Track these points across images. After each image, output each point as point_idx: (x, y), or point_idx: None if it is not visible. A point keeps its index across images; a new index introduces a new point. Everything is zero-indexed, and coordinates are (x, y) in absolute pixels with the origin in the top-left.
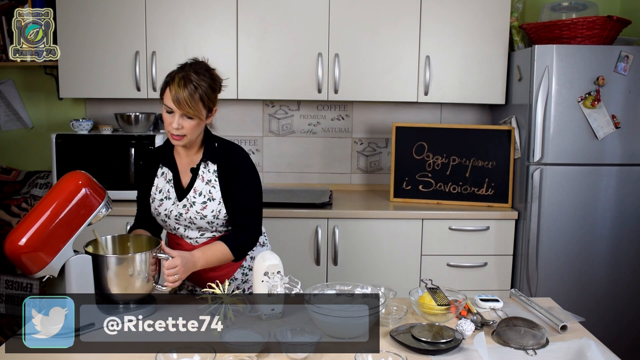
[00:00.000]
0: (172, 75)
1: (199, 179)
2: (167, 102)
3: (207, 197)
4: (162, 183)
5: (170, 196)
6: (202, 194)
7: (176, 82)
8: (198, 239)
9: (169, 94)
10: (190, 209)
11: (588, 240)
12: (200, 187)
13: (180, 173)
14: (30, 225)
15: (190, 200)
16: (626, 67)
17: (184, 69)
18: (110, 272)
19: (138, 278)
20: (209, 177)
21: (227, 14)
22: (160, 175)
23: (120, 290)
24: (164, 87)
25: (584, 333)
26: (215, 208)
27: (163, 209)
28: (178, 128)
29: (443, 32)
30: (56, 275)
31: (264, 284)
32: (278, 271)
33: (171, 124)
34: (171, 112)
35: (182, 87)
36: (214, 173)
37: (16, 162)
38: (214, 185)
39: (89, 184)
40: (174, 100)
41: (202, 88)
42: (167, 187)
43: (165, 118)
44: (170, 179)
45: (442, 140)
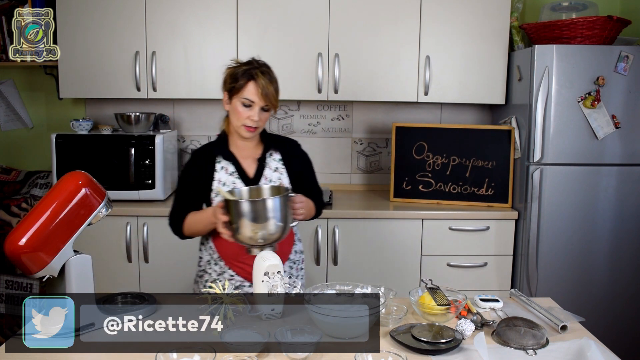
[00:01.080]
0: (248, 71)
1: (267, 168)
2: (250, 96)
3: (277, 183)
4: (225, 176)
5: (237, 187)
6: (272, 181)
7: (261, 77)
8: None
9: (254, 88)
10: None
11: (588, 240)
12: (270, 175)
13: (243, 165)
14: (30, 225)
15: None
16: (626, 67)
17: (253, 65)
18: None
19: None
20: (276, 165)
21: (227, 14)
22: (220, 169)
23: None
24: (242, 85)
25: (584, 333)
26: None
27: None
28: (258, 120)
29: (443, 32)
30: (56, 275)
31: (264, 284)
32: (278, 271)
33: (250, 117)
34: (249, 105)
35: (267, 81)
36: (280, 162)
37: (16, 162)
38: (281, 172)
39: (89, 184)
40: (262, 93)
41: (275, 81)
42: (232, 179)
43: (241, 112)
44: (234, 171)
45: (442, 140)
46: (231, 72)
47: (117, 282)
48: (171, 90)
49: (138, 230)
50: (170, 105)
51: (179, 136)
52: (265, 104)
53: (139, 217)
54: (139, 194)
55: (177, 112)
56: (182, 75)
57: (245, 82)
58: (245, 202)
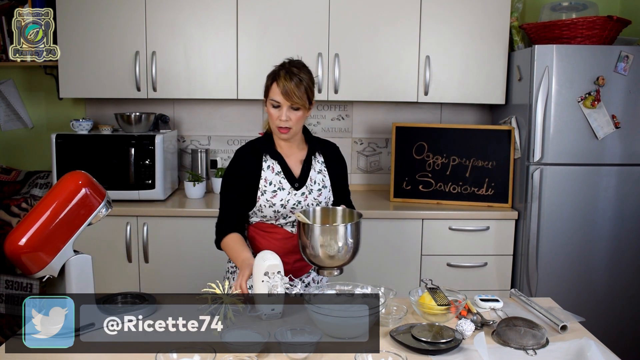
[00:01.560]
0: (275, 72)
1: (312, 169)
2: (275, 97)
3: (322, 185)
4: (271, 175)
5: (283, 187)
6: (317, 182)
7: (282, 76)
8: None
9: (277, 89)
10: (308, 196)
11: (588, 240)
12: (314, 177)
13: (290, 165)
14: (30, 225)
15: (309, 188)
16: (626, 67)
17: (284, 67)
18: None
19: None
20: (320, 168)
21: (227, 14)
22: (267, 169)
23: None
24: (269, 85)
25: (584, 333)
26: (327, 195)
27: (278, 199)
28: (286, 120)
29: (443, 32)
30: (56, 275)
31: (264, 283)
32: (278, 271)
33: (279, 117)
34: (278, 106)
35: (288, 80)
36: (323, 164)
37: (16, 162)
38: (324, 174)
39: (89, 184)
40: (282, 92)
41: (305, 80)
42: (278, 179)
43: (272, 113)
44: (280, 171)
45: (442, 140)
46: (267, 74)
47: (117, 282)
48: (171, 90)
49: (138, 230)
50: (170, 105)
51: (179, 136)
52: (291, 104)
53: (139, 217)
54: (139, 194)
55: (177, 112)
56: (182, 75)
57: (270, 84)
58: (317, 227)
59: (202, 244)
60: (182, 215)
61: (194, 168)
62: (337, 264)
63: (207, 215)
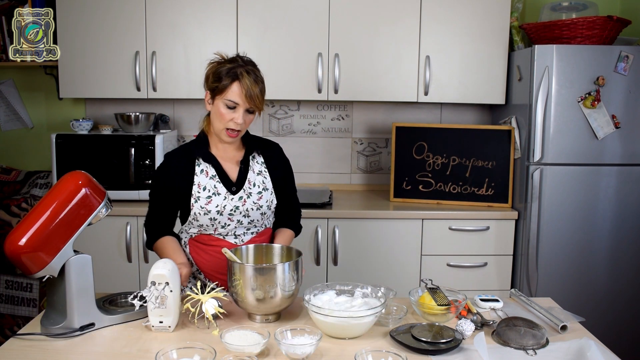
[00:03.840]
0: (232, 70)
1: (250, 171)
2: (233, 97)
3: (262, 187)
4: (205, 180)
5: (219, 192)
6: (256, 185)
7: (246, 78)
8: (244, 236)
9: (237, 89)
10: (247, 200)
11: (588, 240)
12: (253, 179)
13: (225, 167)
14: (30, 225)
15: (247, 191)
16: (626, 67)
17: (240, 65)
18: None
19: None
20: (259, 169)
21: (227, 14)
22: (200, 173)
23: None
24: (227, 84)
25: (584, 333)
26: (268, 198)
27: (214, 205)
28: (242, 123)
29: (443, 32)
30: (56, 275)
31: (150, 292)
32: (167, 282)
33: (233, 119)
34: (233, 107)
35: (253, 82)
36: (262, 164)
37: (16, 162)
38: (265, 176)
39: (89, 184)
40: (246, 95)
41: (263, 82)
42: (213, 184)
43: (224, 114)
44: (214, 175)
45: (442, 140)
46: (214, 69)
47: (117, 282)
48: (171, 90)
49: (138, 230)
50: (170, 105)
51: (179, 136)
52: (250, 106)
53: (139, 217)
54: (139, 194)
55: (177, 112)
56: (182, 75)
57: (230, 82)
58: (250, 267)
59: None
60: None
61: None
62: (269, 311)
63: None
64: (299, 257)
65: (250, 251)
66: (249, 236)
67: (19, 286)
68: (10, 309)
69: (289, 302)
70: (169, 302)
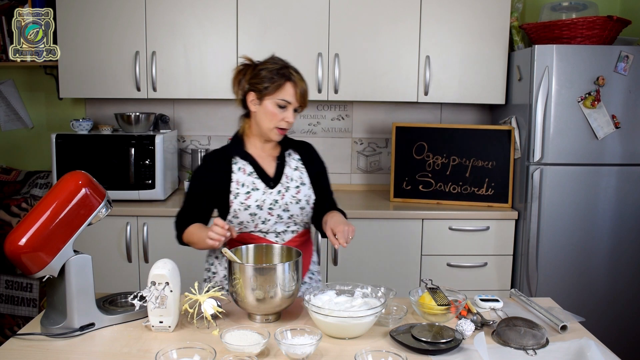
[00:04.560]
0: (282, 71)
1: (287, 166)
2: (287, 97)
3: (299, 181)
4: (243, 177)
5: (257, 187)
6: (293, 179)
7: (297, 77)
8: (284, 235)
9: (291, 89)
10: (285, 194)
11: (588, 240)
12: (290, 173)
13: (262, 164)
14: (30, 225)
15: (285, 185)
16: (626, 67)
17: (281, 64)
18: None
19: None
20: (296, 165)
21: (227, 14)
22: (238, 171)
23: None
24: (280, 85)
25: (584, 333)
26: (307, 192)
27: (253, 200)
28: (292, 122)
29: (443, 32)
30: (56, 275)
31: (151, 292)
32: (167, 282)
33: (284, 119)
34: (284, 106)
35: (303, 81)
36: (299, 161)
37: (16, 162)
38: (301, 171)
39: (89, 184)
40: (300, 93)
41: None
42: (251, 180)
43: (276, 113)
44: (252, 172)
45: (442, 140)
46: (258, 71)
47: (117, 282)
48: (171, 90)
49: (138, 230)
50: (170, 105)
51: (179, 136)
52: (300, 105)
53: (139, 217)
54: (139, 194)
55: (177, 112)
56: (182, 75)
57: (283, 83)
58: (250, 267)
59: None
60: None
61: (194, 168)
62: (269, 311)
63: None
64: (299, 257)
65: (250, 251)
66: (290, 235)
67: (19, 286)
68: (10, 309)
69: (289, 302)
70: (169, 302)
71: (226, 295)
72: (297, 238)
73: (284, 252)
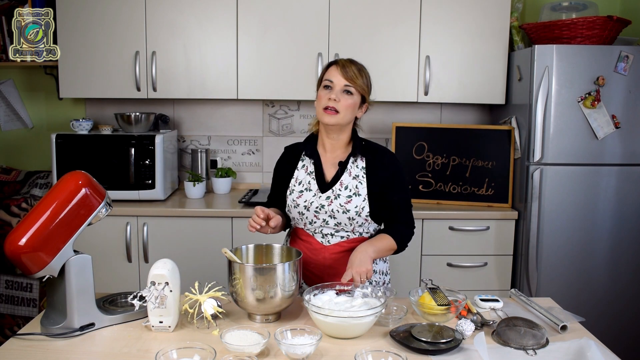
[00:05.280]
0: (331, 61)
1: (346, 173)
2: (329, 76)
3: (353, 191)
4: (303, 175)
5: (311, 188)
6: (348, 188)
7: (342, 61)
8: (331, 238)
9: (335, 69)
10: (334, 201)
11: (588, 240)
12: (347, 181)
13: (324, 166)
14: (30, 225)
15: (336, 192)
16: (626, 67)
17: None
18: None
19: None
20: (357, 173)
21: (227, 14)
22: (301, 168)
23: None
24: (325, 69)
25: (584, 333)
26: (359, 204)
27: (302, 200)
28: (336, 99)
29: (443, 32)
30: (56, 275)
31: (150, 292)
32: (166, 282)
33: (328, 96)
34: (329, 86)
35: (349, 63)
36: (362, 170)
37: (16, 162)
38: (360, 181)
39: (89, 184)
40: (342, 72)
41: (366, 71)
42: (308, 179)
43: (322, 95)
44: (312, 172)
45: (442, 140)
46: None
47: (117, 282)
48: (171, 90)
49: (138, 230)
50: (170, 105)
51: (179, 136)
52: (347, 84)
53: (139, 217)
54: (139, 194)
55: (177, 112)
56: (182, 75)
57: (328, 67)
58: (250, 267)
59: (202, 244)
60: (182, 215)
61: (194, 168)
62: (269, 311)
63: (207, 216)
64: (299, 257)
65: (250, 251)
66: (337, 239)
67: (19, 286)
68: (10, 309)
69: (289, 302)
70: (169, 302)
71: (226, 295)
72: (345, 243)
73: (284, 252)
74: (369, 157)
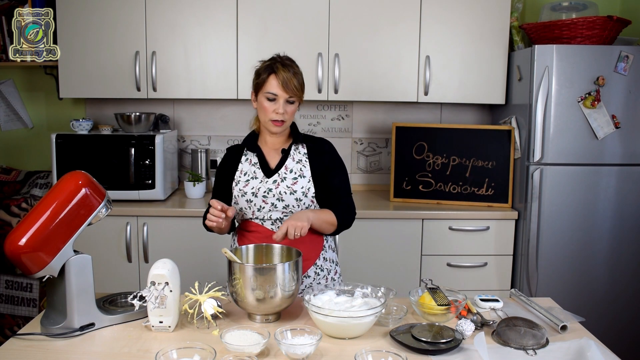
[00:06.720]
0: (270, 66)
1: (289, 159)
2: (272, 89)
3: (298, 174)
4: (247, 167)
5: (256, 176)
6: (293, 171)
7: (281, 70)
8: (280, 223)
9: (274, 81)
10: (280, 184)
11: (588, 240)
12: (291, 165)
13: (267, 156)
14: (30, 225)
15: (282, 175)
16: (626, 67)
17: (277, 60)
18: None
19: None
20: (300, 158)
21: (227, 14)
22: (245, 161)
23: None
24: (265, 79)
25: (584, 333)
26: (305, 185)
27: (250, 187)
28: (283, 112)
29: (443, 32)
30: (56, 275)
31: (150, 292)
32: (166, 282)
33: (275, 110)
34: (273, 99)
35: (287, 72)
36: (305, 155)
37: (16, 162)
38: (304, 164)
39: (89, 184)
40: (282, 84)
41: (299, 72)
42: (253, 169)
43: (267, 107)
44: (256, 162)
45: (442, 140)
46: (256, 70)
47: (117, 282)
48: (171, 90)
49: (138, 230)
50: (170, 105)
51: (179, 136)
52: (289, 96)
53: (139, 217)
54: (139, 194)
55: (177, 112)
56: (182, 75)
57: (267, 76)
58: (250, 267)
59: (202, 244)
60: (182, 215)
61: (194, 168)
62: (269, 311)
63: None
64: (299, 257)
65: (250, 251)
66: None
67: (19, 286)
68: (10, 309)
69: (289, 302)
70: (169, 302)
71: (226, 295)
72: None
73: (284, 252)
74: (309, 144)
